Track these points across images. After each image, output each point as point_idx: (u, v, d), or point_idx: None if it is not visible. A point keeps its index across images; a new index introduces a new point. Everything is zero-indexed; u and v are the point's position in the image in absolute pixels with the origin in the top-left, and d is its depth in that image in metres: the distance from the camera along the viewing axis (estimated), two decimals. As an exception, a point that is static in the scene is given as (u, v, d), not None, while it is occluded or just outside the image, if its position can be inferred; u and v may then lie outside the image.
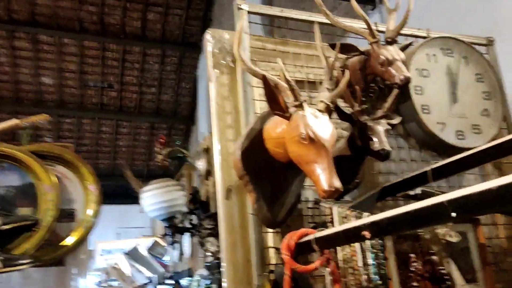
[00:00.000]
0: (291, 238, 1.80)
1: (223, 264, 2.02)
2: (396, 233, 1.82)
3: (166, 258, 4.93)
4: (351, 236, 1.45)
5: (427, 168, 2.13)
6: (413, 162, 2.52)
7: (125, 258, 5.79)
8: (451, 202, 0.98)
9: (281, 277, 1.89)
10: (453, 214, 0.98)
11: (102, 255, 7.91)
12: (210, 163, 2.95)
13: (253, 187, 1.93)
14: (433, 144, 2.32)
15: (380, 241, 1.77)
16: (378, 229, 1.34)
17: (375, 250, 1.76)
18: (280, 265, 1.95)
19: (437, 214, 1.03)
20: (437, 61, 2.44)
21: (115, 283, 9.17)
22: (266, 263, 1.98)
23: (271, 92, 1.69)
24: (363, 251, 1.77)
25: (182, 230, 3.13)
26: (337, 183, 1.62)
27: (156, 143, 3.23)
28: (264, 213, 1.93)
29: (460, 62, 2.50)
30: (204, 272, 2.92)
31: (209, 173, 3.00)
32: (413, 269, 1.97)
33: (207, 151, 2.97)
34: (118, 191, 8.22)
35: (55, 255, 1.93)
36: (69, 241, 1.99)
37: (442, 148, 2.33)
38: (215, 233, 2.88)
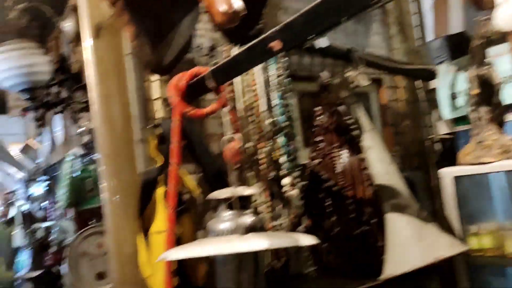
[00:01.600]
0: (181, 78, 1.45)
1: (95, 120, 1.62)
2: (311, 37, 1.54)
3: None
4: (257, 54, 1.15)
5: None
6: None
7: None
8: None
9: (169, 130, 1.57)
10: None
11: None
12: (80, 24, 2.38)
13: (131, 18, 1.50)
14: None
15: (286, 79, 1.51)
16: (291, 35, 1.04)
17: (282, 88, 1.50)
18: (167, 119, 1.62)
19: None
20: None
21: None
22: (150, 117, 1.63)
23: None
24: (267, 92, 1.51)
25: (48, 105, 2.60)
26: (238, 3, 1.28)
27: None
28: (146, 54, 1.54)
29: None
30: (79, 151, 2.49)
31: (79, 37, 2.44)
32: (318, 123, 1.79)
33: (76, 9, 2.39)
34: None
35: None
36: None
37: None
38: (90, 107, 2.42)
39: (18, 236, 4.59)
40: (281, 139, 1.51)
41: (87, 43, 1.59)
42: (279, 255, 1.59)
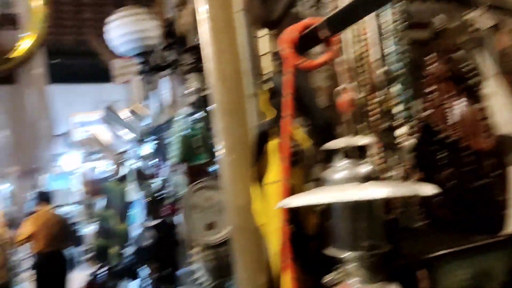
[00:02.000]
0: (292, 30, 1.46)
1: (210, 78, 1.70)
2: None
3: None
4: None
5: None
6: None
7: (103, 120, 5.53)
8: None
9: (280, 84, 1.60)
10: None
11: (80, 128, 7.65)
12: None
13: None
14: None
15: (401, 25, 1.45)
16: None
17: (397, 35, 1.44)
18: (277, 73, 1.65)
19: None
20: None
21: (96, 156, 9.14)
22: (260, 72, 1.67)
23: None
24: (380, 40, 1.46)
25: (158, 68, 2.78)
26: None
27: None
28: (256, 9, 1.57)
29: None
30: (187, 110, 2.65)
31: (184, 1, 2.55)
32: (430, 72, 1.70)
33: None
34: (89, 71, 7.67)
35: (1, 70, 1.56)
36: (17, 52, 1.60)
37: None
38: (197, 68, 2.54)
39: (131, 192, 5.07)
40: (395, 88, 1.47)
41: (200, 2, 1.65)
42: (394, 206, 1.58)
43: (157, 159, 3.92)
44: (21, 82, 1.58)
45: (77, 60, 7.95)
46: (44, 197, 5.86)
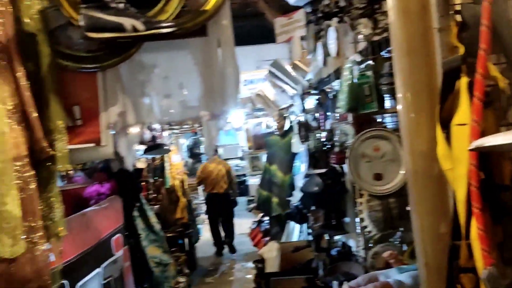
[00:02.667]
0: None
1: (390, 14, 1.62)
2: None
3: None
4: None
5: None
6: None
7: (267, 78, 5.79)
8: None
9: (470, 16, 1.44)
10: None
11: (245, 85, 8.14)
12: None
13: None
14: None
15: None
16: None
17: None
18: (468, 3, 1.48)
19: None
20: None
21: (260, 113, 9.68)
22: (449, 3, 1.52)
23: None
24: None
25: (328, 16, 2.75)
26: None
27: None
28: None
29: None
30: (357, 57, 2.59)
31: None
32: None
33: None
34: (252, 32, 8.02)
35: (196, 22, 1.73)
36: (209, 4, 1.76)
37: None
38: (368, 13, 2.45)
39: (295, 145, 5.28)
40: None
41: None
42: None
43: (321, 112, 3.98)
44: (212, 33, 1.74)
45: (242, 22, 8.38)
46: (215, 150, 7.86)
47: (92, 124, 1.93)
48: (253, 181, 10.75)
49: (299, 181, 4.76)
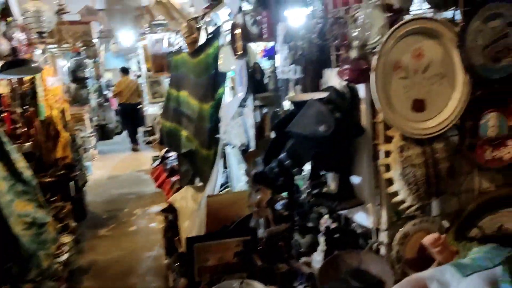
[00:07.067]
0: None
1: None
2: None
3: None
4: None
5: None
6: None
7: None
8: None
9: None
10: None
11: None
12: None
13: None
14: None
15: None
16: None
17: None
18: None
19: None
20: None
21: (160, 28, 7.93)
22: None
23: None
24: None
25: None
26: None
27: None
28: None
29: None
30: None
31: None
32: None
33: None
34: None
35: None
36: None
37: None
38: None
39: (225, 61, 3.84)
40: None
41: None
42: None
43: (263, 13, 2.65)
44: None
45: None
46: (125, 70, 10.18)
47: None
48: (153, 110, 9.19)
49: (231, 109, 3.46)
